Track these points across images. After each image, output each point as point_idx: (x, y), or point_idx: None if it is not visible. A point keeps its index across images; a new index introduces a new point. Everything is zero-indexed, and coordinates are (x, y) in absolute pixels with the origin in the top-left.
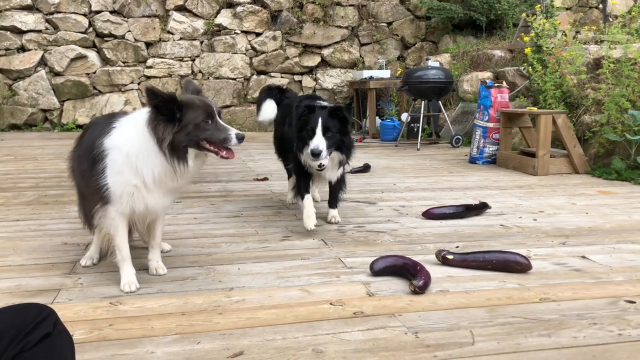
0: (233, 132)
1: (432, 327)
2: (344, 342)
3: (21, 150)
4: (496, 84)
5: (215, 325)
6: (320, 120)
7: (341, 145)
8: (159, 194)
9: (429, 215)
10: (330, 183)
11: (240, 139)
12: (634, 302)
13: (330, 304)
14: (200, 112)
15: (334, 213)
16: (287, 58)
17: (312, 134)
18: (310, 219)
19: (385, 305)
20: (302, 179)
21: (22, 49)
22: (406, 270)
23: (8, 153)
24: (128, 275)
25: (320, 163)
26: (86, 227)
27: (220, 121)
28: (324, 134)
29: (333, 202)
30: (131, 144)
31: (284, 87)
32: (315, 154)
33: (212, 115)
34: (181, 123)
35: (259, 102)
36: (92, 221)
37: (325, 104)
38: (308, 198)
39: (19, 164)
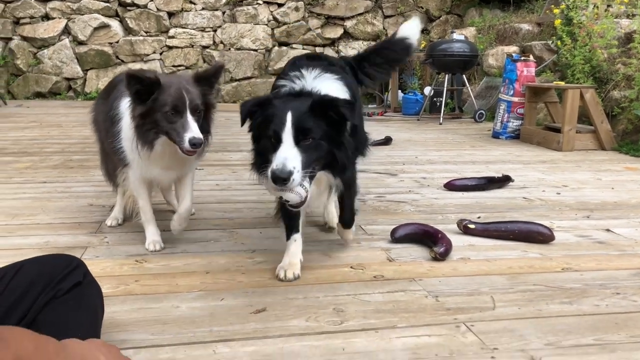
0: (189, 135)
1: (452, 292)
2: (364, 303)
3: (46, 118)
4: (523, 58)
5: (239, 284)
6: (289, 118)
7: (333, 161)
8: (158, 168)
9: (450, 186)
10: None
11: (194, 144)
12: None
13: (351, 267)
14: (168, 101)
15: (347, 235)
16: (309, 29)
17: (278, 141)
18: (291, 268)
19: (406, 270)
20: (290, 211)
21: (46, 17)
22: (427, 238)
23: (34, 120)
24: (153, 235)
25: (286, 197)
26: (109, 182)
27: (189, 118)
28: (297, 141)
29: (346, 217)
30: (127, 114)
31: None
32: (278, 178)
33: (178, 109)
34: (151, 106)
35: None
36: (115, 180)
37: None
38: (295, 240)
39: (44, 130)
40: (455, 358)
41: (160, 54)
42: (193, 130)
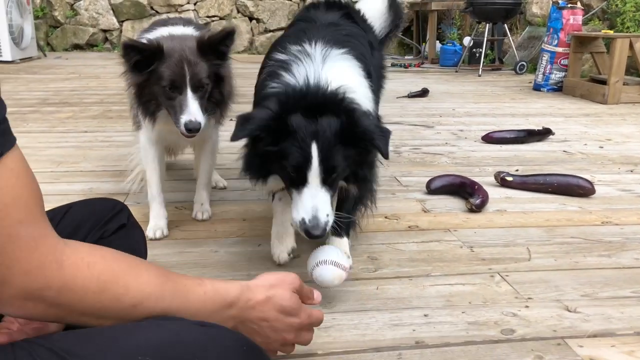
0: (185, 118)
1: (487, 242)
2: (398, 252)
3: (84, 69)
4: (569, 5)
5: None
6: (315, 153)
7: (360, 182)
8: (169, 133)
9: (488, 139)
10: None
11: (190, 129)
12: None
13: (385, 217)
14: (166, 75)
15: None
16: None
17: (302, 182)
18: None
19: (441, 221)
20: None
21: None
22: (463, 189)
23: (72, 72)
24: (156, 218)
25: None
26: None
27: (189, 95)
28: (325, 180)
29: (344, 222)
30: None
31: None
32: (312, 235)
33: (177, 85)
34: (148, 77)
35: None
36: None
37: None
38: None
39: (83, 82)
40: (489, 306)
41: (195, 4)
42: (191, 111)
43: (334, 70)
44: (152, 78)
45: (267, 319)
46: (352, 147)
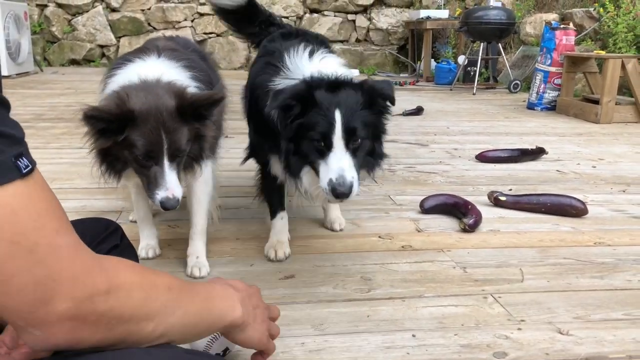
0: (161, 194)
1: (480, 263)
2: (392, 272)
3: (81, 84)
4: (562, 26)
5: None
6: (339, 120)
7: (369, 157)
8: None
9: (482, 158)
10: None
11: (166, 208)
12: None
13: (379, 237)
14: (140, 144)
15: (336, 214)
16: None
17: (328, 147)
18: (281, 247)
19: (434, 241)
20: (273, 188)
21: None
22: (457, 209)
23: (69, 87)
24: (147, 238)
25: (342, 188)
26: None
27: (166, 167)
28: (348, 144)
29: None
30: None
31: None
32: (342, 194)
33: (152, 155)
34: (117, 143)
35: None
36: None
37: (339, 72)
38: (282, 218)
39: (79, 97)
40: (481, 328)
41: (192, 21)
42: (168, 186)
43: (328, 64)
44: (123, 144)
45: (258, 306)
46: (369, 110)
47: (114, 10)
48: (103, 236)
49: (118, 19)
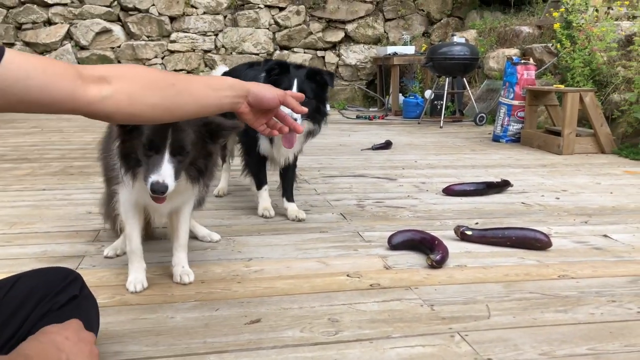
0: (153, 178)
1: (447, 300)
2: (360, 313)
3: (48, 123)
4: (523, 61)
5: (234, 293)
6: (295, 82)
7: (316, 113)
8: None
9: (449, 191)
10: (283, 169)
11: (154, 190)
12: None
13: (347, 275)
14: (146, 133)
15: (294, 207)
16: (311, 33)
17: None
18: (269, 209)
19: (402, 278)
20: (257, 163)
21: (49, 22)
22: (424, 245)
23: (35, 125)
24: (137, 271)
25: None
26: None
27: (165, 158)
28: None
29: (290, 193)
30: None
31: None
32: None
33: (154, 145)
34: (132, 132)
35: None
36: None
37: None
38: (266, 190)
39: (45, 136)
40: None
41: (162, 58)
42: (161, 173)
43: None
44: (135, 132)
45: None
46: (314, 83)
47: (83, 48)
48: (62, 286)
49: (87, 57)
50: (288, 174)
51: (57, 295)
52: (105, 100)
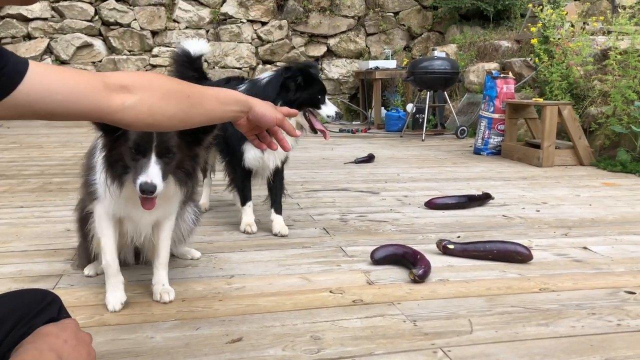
0: (142, 179)
1: (430, 315)
2: (342, 330)
3: (27, 138)
4: (502, 75)
5: (215, 311)
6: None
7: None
8: (132, 206)
9: (431, 205)
10: (272, 179)
11: (143, 190)
12: (633, 293)
13: (330, 291)
14: (132, 137)
15: (280, 221)
16: (293, 47)
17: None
18: (251, 225)
19: (385, 294)
20: (242, 177)
21: (28, 36)
22: (406, 259)
23: (14, 141)
24: (114, 288)
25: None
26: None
27: (152, 160)
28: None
29: (278, 204)
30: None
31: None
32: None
33: (141, 149)
34: (118, 138)
35: None
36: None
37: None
38: (250, 206)
39: (24, 152)
40: None
41: None
42: (149, 173)
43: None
44: (121, 139)
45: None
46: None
47: (63, 62)
48: (39, 308)
49: None
50: (276, 184)
51: (35, 317)
52: (127, 110)
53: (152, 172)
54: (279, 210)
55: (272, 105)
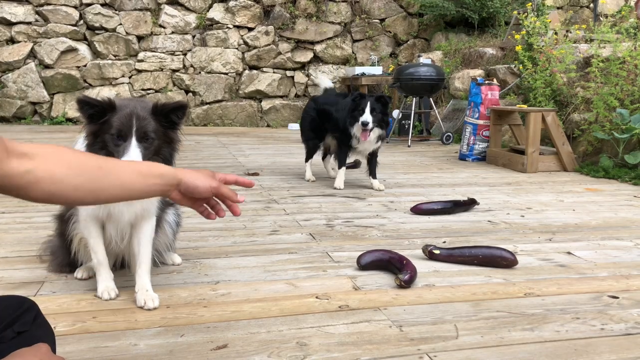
0: (125, 158)
1: (416, 320)
2: (328, 336)
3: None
4: (487, 82)
5: (200, 318)
6: (369, 103)
7: (382, 123)
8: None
9: (417, 210)
10: (369, 157)
11: None
12: (617, 298)
13: (316, 297)
14: (115, 124)
15: (377, 182)
16: (280, 53)
17: (362, 112)
18: (342, 182)
19: (371, 299)
20: (344, 151)
21: (12, 40)
22: (392, 265)
23: None
24: (105, 280)
25: (367, 122)
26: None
27: (133, 143)
28: (371, 112)
29: (374, 173)
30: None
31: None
32: (365, 124)
33: (123, 134)
34: (101, 127)
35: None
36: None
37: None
38: (344, 169)
39: None
40: None
41: (130, 77)
42: (130, 154)
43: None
44: (104, 127)
45: None
46: (379, 103)
47: (47, 67)
48: (14, 317)
49: (52, 76)
50: (372, 160)
51: (11, 324)
52: (26, 175)
53: (133, 152)
54: (374, 176)
55: (209, 172)
